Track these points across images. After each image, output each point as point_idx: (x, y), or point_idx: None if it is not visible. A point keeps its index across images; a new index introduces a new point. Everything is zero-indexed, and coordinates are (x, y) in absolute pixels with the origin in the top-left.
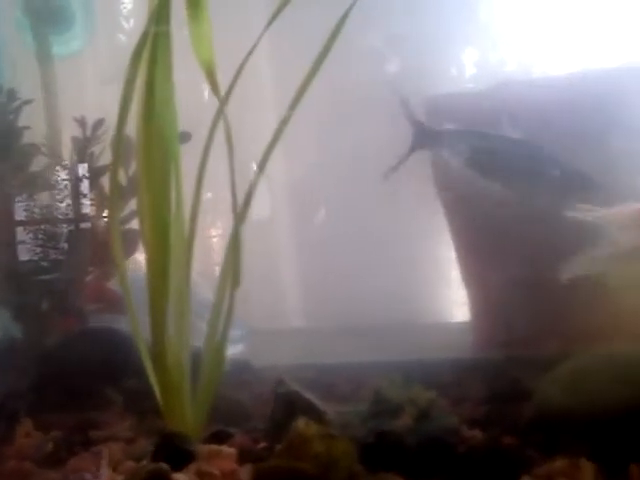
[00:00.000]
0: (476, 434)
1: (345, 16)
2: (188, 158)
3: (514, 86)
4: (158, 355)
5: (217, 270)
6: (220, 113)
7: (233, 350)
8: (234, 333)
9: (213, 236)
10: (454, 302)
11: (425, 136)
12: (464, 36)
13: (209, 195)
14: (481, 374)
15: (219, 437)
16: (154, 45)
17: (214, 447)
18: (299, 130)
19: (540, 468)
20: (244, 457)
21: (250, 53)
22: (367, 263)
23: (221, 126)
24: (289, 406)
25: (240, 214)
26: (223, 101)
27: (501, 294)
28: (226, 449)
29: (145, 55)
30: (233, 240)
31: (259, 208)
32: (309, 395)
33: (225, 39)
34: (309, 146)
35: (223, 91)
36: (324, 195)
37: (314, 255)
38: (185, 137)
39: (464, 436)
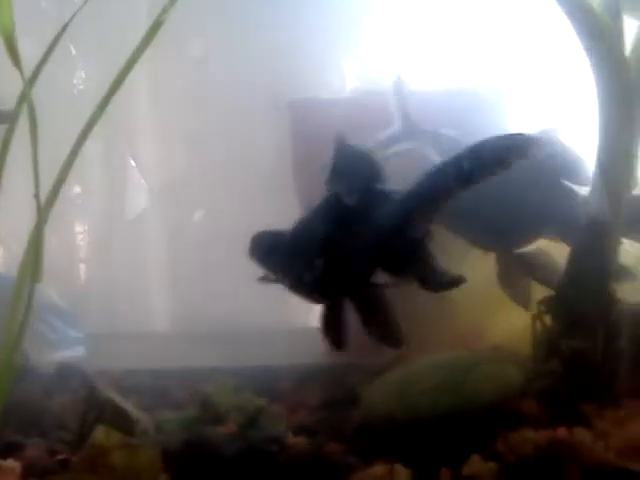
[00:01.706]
0: (300, 441)
1: (164, 13)
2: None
3: (376, 95)
4: None
5: (81, 267)
6: (25, 96)
7: (70, 353)
8: (72, 335)
9: (79, 232)
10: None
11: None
12: (343, 44)
13: (77, 190)
14: (321, 380)
15: (6, 450)
16: None
17: None
18: (174, 131)
19: (358, 475)
20: (30, 472)
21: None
22: (237, 267)
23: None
24: (99, 414)
25: (44, 208)
26: (29, 81)
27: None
28: (8, 463)
29: None
30: (34, 235)
31: (130, 207)
32: (124, 402)
33: None
34: (183, 147)
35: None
36: (197, 197)
37: (184, 257)
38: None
39: (287, 444)
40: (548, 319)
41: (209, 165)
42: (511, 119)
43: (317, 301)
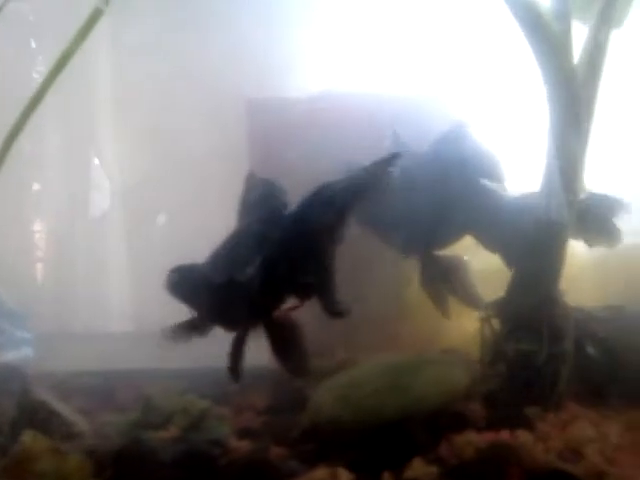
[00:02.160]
0: (243, 445)
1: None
2: None
3: (333, 96)
4: None
5: (39, 267)
6: None
7: (16, 354)
8: (20, 336)
9: (36, 231)
10: None
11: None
12: (306, 44)
13: (36, 187)
14: (269, 383)
15: None
16: None
17: None
18: (136, 131)
19: (300, 479)
20: None
21: None
22: None
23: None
24: (31, 418)
25: None
26: None
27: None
28: None
29: None
30: None
31: (93, 208)
32: (60, 405)
33: None
34: (145, 150)
35: None
36: (157, 197)
37: (145, 259)
38: None
39: (229, 447)
40: (495, 322)
41: (170, 165)
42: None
43: (230, 330)
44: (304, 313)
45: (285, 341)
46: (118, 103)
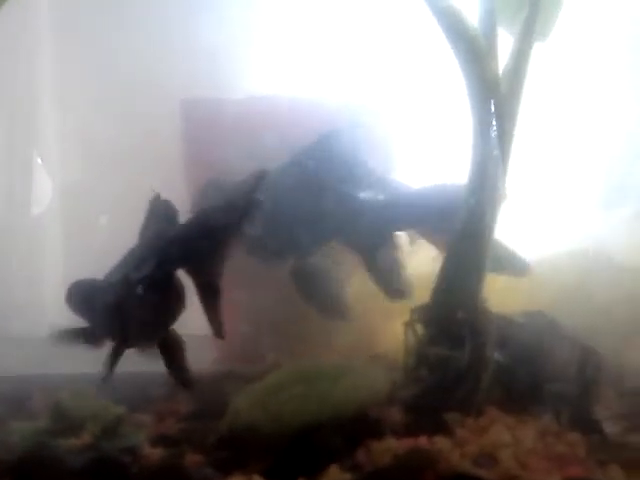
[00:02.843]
0: (156, 452)
1: None
2: None
3: (268, 99)
4: None
5: None
6: None
7: None
8: None
9: None
10: None
11: None
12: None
13: None
14: (195, 389)
15: None
16: None
17: None
18: (76, 131)
19: None
20: None
21: None
22: None
23: None
24: None
25: None
26: None
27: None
28: None
29: None
30: None
31: (31, 207)
32: None
33: None
34: (84, 151)
35: None
36: (96, 202)
37: (82, 261)
38: None
39: (142, 454)
40: (419, 327)
41: (107, 166)
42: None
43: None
44: (235, 316)
45: (172, 357)
46: (59, 102)
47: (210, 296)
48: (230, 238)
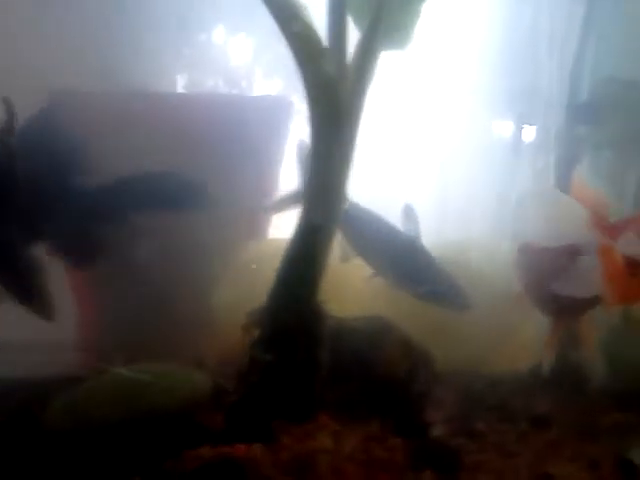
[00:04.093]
0: None
1: None
2: None
3: (141, 96)
4: None
5: None
6: None
7: None
8: None
9: None
10: None
11: None
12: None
13: None
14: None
15: None
16: None
17: None
18: None
19: None
20: None
21: None
22: None
23: None
24: None
25: None
26: None
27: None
28: None
29: None
30: None
31: None
32: None
33: None
34: None
35: None
36: None
37: None
38: None
39: None
40: (255, 331)
41: None
42: None
43: None
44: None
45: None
46: None
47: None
48: None
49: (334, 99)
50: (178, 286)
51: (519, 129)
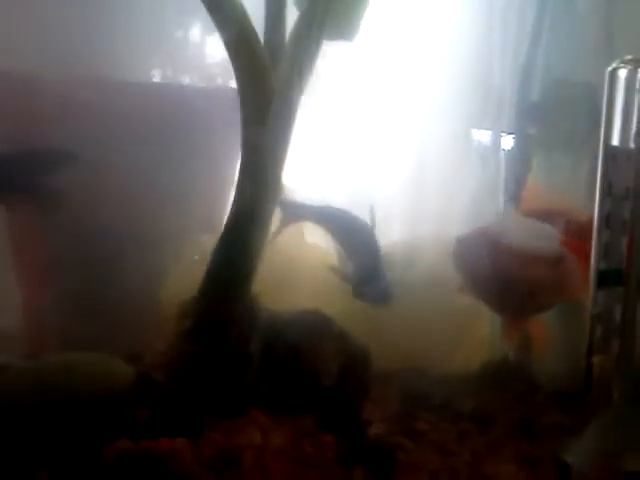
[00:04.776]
0: None
1: None
2: None
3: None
4: None
5: None
6: None
7: None
8: None
9: None
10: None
11: None
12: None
13: None
14: None
15: None
16: None
17: None
18: None
19: None
20: None
21: None
22: None
23: None
24: None
25: None
26: None
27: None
28: None
29: None
30: None
31: None
32: None
33: None
34: None
35: None
36: None
37: None
38: None
39: None
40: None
41: None
42: None
43: None
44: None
45: None
46: None
47: None
48: None
49: (266, 87)
50: (124, 278)
51: (469, 129)
